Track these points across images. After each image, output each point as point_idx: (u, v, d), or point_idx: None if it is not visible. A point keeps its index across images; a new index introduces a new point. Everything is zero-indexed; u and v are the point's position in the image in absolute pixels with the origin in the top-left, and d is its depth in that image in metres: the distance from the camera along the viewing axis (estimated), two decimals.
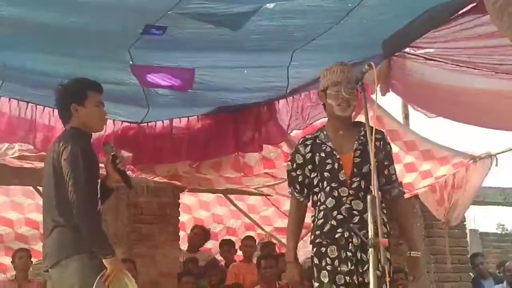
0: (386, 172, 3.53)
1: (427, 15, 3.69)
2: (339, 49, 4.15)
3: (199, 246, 7.95)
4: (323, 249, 3.46)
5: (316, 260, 3.52)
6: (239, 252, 7.95)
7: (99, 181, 3.56)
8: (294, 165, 3.65)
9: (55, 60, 4.17)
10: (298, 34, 3.92)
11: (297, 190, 3.65)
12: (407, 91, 4.54)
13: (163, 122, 5.47)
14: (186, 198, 8.37)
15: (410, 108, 6.67)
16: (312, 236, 3.58)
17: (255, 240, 8.01)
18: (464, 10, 3.68)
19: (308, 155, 3.59)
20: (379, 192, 3.34)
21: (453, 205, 6.71)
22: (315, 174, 3.56)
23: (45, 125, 5.14)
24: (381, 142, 3.55)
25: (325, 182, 3.50)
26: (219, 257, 8.11)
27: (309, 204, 3.70)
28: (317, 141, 3.60)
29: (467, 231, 8.71)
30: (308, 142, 3.63)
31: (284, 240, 9.06)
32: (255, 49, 4.10)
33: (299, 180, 3.63)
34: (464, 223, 8.31)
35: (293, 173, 3.66)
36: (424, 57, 4.27)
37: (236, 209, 8.77)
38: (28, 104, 5.02)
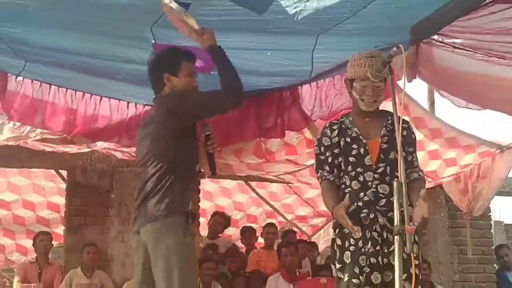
0: (409, 158, 3.48)
1: (457, 1, 3.59)
2: (365, 33, 4.05)
3: (219, 233, 7.94)
4: (347, 230, 3.38)
5: (338, 241, 3.45)
6: (260, 239, 7.94)
7: None
8: (322, 149, 3.59)
9: (76, 37, 4.11)
10: (323, 18, 3.83)
11: (326, 171, 3.55)
12: (434, 78, 4.44)
13: None
14: (207, 185, 8.37)
15: (436, 95, 6.58)
16: (335, 219, 3.49)
17: (277, 228, 7.98)
18: None
19: (335, 139, 3.55)
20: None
21: (476, 195, 6.61)
22: (341, 159, 3.51)
23: (68, 108, 5.13)
24: (407, 131, 3.55)
25: (349, 167, 3.46)
26: (239, 244, 8.10)
27: None
28: (343, 126, 3.57)
29: (492, 223, 8.60)
30: (334, 127, 3.59)
31: (305, 229, 9.07)
32: (279, 32, 4.01)
33: (329, 161, 3.55)
34: (489, 214, 8.22)
35: (322, 156, 3.59)
36: (452, 46, 4.18)
37: (257, 196, 8.75)
38: (51, 86, 5.01)
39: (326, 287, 6.18)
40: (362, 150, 3.45)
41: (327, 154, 3.56)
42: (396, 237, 2.60)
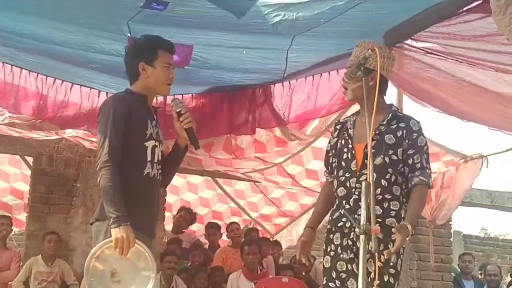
0: (410, 161, 3.31)
1: (433, 8, 3.66)
2: (340, 36, 4.10)
3: (184, 228, 7.93)
4: (331, 236, 3.47)
5: (324, 246, 3.52)
6: (224, 237, 7.93)
7: (147, 144, 3.40)
8: (329, 147, 3.64)
9: (52, 25, 4.08)
10: (301, 22, 3.86)
11: (327, 172, 3.64)
12: (405, 82, 4.50)
13: (156, 98, 5.38)
14: (174, 180, 8.27)
15: (404, 103, 6.64)
16: (328, 222, 3.59)
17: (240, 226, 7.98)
18: (470, 6, 3.64)
19: (334, 140, 3.57)
20: (404, 184, 3.36)
21: (440, 204, 6.68)
22: (335, 162, 3.52)
23: (37, 93, 5.08)
24: (405, 131, 3.34)
25: (340, 171, 3.45)
26: (203, 240, 8.09)
27: None
28: (344, 126, 3.55)
29: (452, 232, 8.73)
30: (338, 127, 3.62)
31: (268, 227, 9.08)
32: (257, 32, 4.04)
33: (330, 161, 3.60)
34: (450, 223, 8.34)
35: (327, 155, 3.65)
36: (424, 50, 4.24)
37: (224, 193, 8.74)
38: (22, 70, 4.95)
39: (288, 286, 6.22)
40: (349, 155, 3.41)
41: (330, 154, 3.61)
42: (361, 237, 2.61)
